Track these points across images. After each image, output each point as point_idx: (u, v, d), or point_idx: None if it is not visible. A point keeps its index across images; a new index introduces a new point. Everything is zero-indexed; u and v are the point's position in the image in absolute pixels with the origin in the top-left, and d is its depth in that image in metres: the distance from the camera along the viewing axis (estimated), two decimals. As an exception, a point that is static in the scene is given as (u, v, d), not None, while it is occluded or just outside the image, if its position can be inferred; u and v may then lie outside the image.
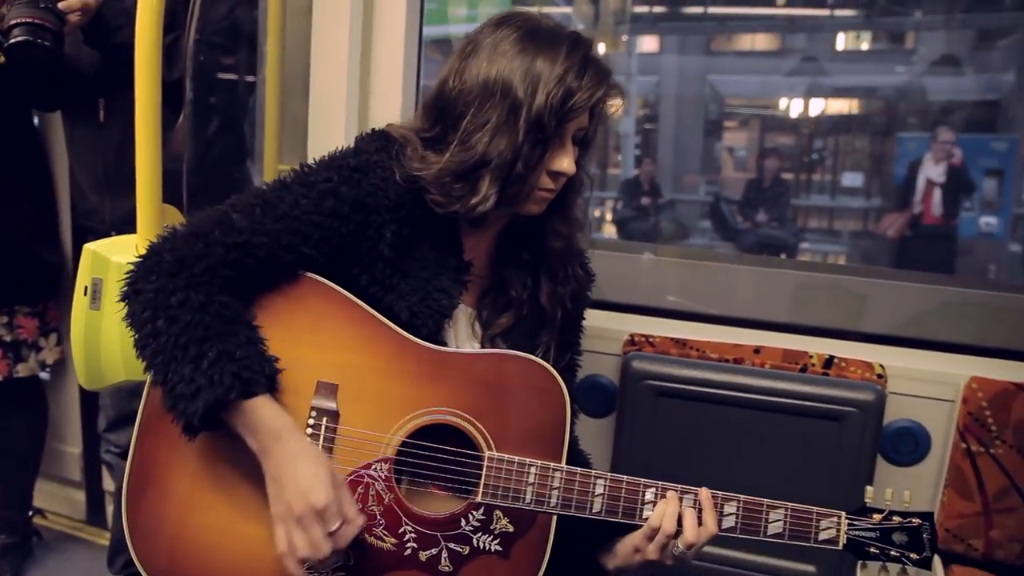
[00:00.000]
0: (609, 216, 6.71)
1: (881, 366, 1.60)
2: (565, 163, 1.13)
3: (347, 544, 1.04)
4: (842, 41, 8.03)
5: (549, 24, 1.15)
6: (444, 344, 1.18)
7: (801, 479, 1.56)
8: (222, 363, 1.02)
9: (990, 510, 1.52)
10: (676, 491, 1.10)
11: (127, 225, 1.55)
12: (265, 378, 1.05)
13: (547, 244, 1.23)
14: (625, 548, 1.15)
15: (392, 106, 1.78)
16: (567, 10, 5.73)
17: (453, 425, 1.11)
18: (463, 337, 1.23)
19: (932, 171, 4.81)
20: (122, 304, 1.08)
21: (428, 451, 1.11)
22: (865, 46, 8.12)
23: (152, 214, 1.46)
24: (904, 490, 1.15)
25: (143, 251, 1.09)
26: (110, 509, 2.46)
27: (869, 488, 1.16)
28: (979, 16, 6.23)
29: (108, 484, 2.45)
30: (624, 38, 7.04)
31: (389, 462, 1.10)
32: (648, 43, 7.92)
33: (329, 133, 1.75)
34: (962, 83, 6.51)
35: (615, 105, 1.18)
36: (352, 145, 1.17)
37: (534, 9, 1.19)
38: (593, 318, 1.41)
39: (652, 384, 1.60)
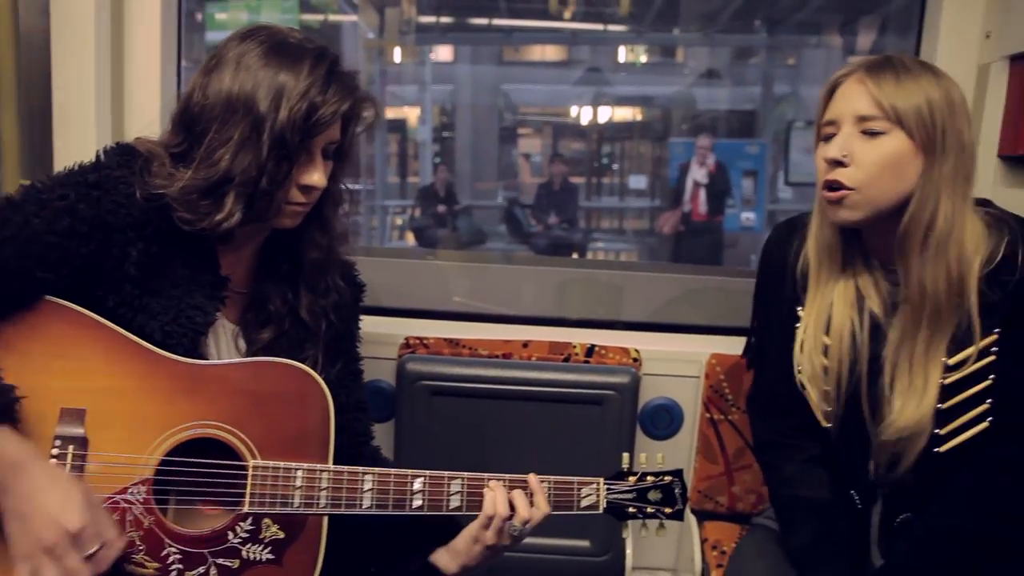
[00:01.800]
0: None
1: (636, 351, 1.77)
2: (315, 177, 1.13)
3: (107, 567, 0.98)
4: (623, 54, 8.61)
5: (295, 38, 1.14)
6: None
7: (570, 461, 1.69)
8: None
9: (731, 469, 1.73)
10: (504, 480, 1.16)
11: None
12: None
13: (305, 255, 1.23)
14: (465, 542, 1.19)
15: (150, 117, 1.70)
16: (354, 18, 5.71)
17: (215, 438, 1.09)
18: (225, 354, 1.21)
19: (697, 173, 5.34)
20: None
21: (189, 467, 1.08)
22: (643, 59, 8.76)
23: None
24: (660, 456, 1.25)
25: None
26: None
27: (625, 455, 1.25)
28: (734, 36, 6.97)
29: None
30: (416, 48, 7.12)
31: (147, 483, 1.07)
32: (443, 53, 8.06)
33: (79, 146, 1.64)
34: (723, 94, 7.26)
35: (367, 117, 1.21)
36: (92, 160, 1.12)
37: (320, 16, 1.19)
38: (371, 324, 1.43)
39: (427, 384, 1.66)
